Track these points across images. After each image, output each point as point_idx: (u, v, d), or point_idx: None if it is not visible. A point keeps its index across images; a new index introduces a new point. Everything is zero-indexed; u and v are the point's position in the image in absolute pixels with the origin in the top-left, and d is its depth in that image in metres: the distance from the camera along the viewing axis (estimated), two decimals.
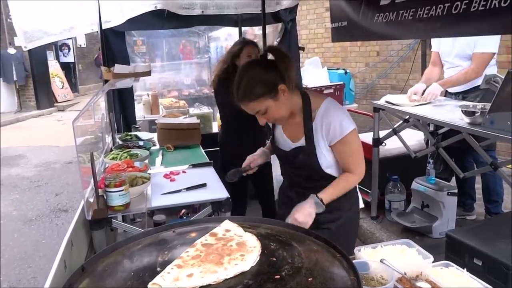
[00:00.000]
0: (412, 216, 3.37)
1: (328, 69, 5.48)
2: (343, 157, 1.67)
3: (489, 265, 2.33)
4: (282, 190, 1.98)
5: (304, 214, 1.54)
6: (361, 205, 2.10)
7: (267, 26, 3.96)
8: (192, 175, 2.52)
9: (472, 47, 3.04)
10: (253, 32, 5.18)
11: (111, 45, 3.71)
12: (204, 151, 3.12)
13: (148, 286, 0.94)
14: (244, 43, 2.84)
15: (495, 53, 3.04)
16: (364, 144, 3.75)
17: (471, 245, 2.45)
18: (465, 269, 1.29)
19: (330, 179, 1.70)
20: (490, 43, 2.98)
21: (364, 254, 1.39)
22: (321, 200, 1.59)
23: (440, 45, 3.32)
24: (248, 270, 0.99)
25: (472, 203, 3.48)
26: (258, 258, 1.03)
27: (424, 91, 3.25)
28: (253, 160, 1.87)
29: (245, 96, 1.55)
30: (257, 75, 1.54)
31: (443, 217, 3.14)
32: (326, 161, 1.68)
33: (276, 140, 1.82)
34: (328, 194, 1.62)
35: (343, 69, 5.71)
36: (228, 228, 1.20)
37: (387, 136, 3.43)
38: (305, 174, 1.73)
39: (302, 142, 1.68)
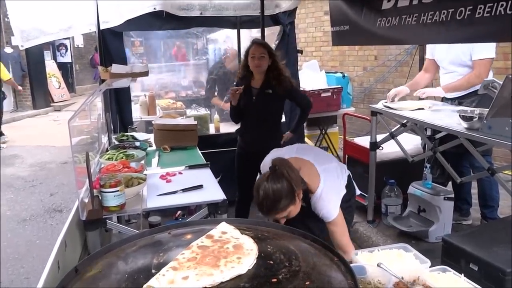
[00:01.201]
0: (408, 220, 3.37)
1: (326, 73, 5.47)
2: (333, 237, 1.88)
3: (485, 270, 2.32)
4: None
5: None
6: (357, 192, 2.28)
7: (265, 29, 3.96)
8: (188, 176, 2.50)
9: (467, 53, 3.07)
10: (251, 35, 5.18)
11: (109, 45, 3.69)
12: (201, 153, 3.11)
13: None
14: (251, 44, 2.99)
15: (493, 58, 3.06)
16: (361, 148, 3.76)
17: (467, 250, 2.45)
18: (462, 274, 1.29)
19: None
20: (488, 49, 3.01)
21: (361, 258, 1.38)
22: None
23: (435, 52, 3.36)
24: (244, 273, 0.97)
25: (468, 208, 3.48)
26: (255, 261, 1.02)
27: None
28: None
29: (271, 210, 1.72)
30: (278, 190, 1.69)
31: (439, 221, 3.14)
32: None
33: None
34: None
35: (341, 72, 5.70)
36: (225, 230, 1.19)
37: (384, 140, 3.43)
38: None
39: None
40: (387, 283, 1.13)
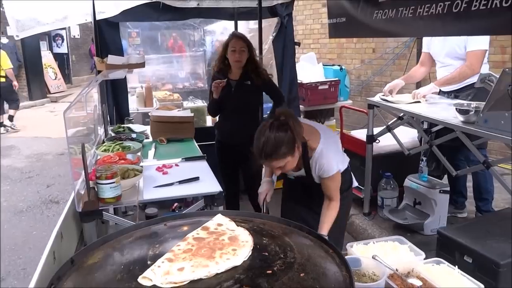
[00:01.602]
0: (404, 213, 3.39)
1: (323, 65, 5.45)
2: (327, 189, 1.98)
3: (479, 262, 2.34)
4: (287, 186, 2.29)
5: None
6: (355, 183, 2.31)
7: (263, 21, 3.94)
8: (185, 168, 2.50)
9: (462, 46, 3.07)
10: (248, 27, 5.14)
11: (105, 36, 3.66)
12: (198, 145, 3.11)
13: (138, 279, 0.93)
14: (231, 37, 2.93)
15: (486, 50, 3.05)
16: (358, 141, 3.77)
17: (461, 243, 2.47)
18: (456, 266, 1.30)
19: None
20: (481, 40, 3.01)
21: (356, 250, 1.39)
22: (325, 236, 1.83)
23: (431, 45, 3.35)
24: (239, 265, 0.98)
25: (463, 201, 3.51)
26: (250, 253, 1.02)
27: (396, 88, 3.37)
28: (266, 194, 2.12)
29: (270, 155, 1.73)
30: (280, 137, 1.72)
31: (434, 214, 3.16)
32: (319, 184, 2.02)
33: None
34: (325, 227, 1.90)
35: (339, 65, 5.68)
36: (221, 222, 1.19)
37: (381, 133, 3.44)
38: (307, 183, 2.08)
39: (302, 172, 2.01)
40: (381, 275, 1.14)
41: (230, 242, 1.05)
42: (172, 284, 0.90)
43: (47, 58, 12.91)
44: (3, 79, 8.05)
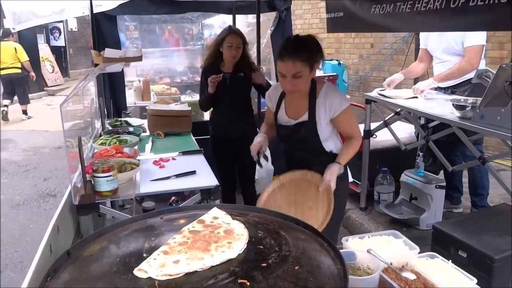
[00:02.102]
0: (400, 208, 3.41)
1: None
2: (345, 126, 2.00)
3: (473, 257, 2.36)
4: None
5: (335, 179, 1.88)
6: (350, 179, 2.38)
7: (261, 15, 3.93)
8: (182, 162, 2.51)
9: (459, 42, 3.07)
10: (246, 21, 5.13)
11: (102, 29, 3.65)
12: (195, 139, 3.11)
13: (134, 272, 0.94)
14: (228, 32, 2.88)
15: (484, 45, 3.06)
16: None
17: (456, 237, 2.49)
18: (450, 260, 1.31)
19: (327, 155, 2.01)
20: (478, 36, 3.01)
21: (352, 244, 1.40)
22: (340, 164, 1.93)
23: (428, 41, 3.36)
24: (235, 258, 0.98)
25: (459, 196, 3.52)
26: (245, 246, 1.03)
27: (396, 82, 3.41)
28: (260, 145, 2.07)
29: (299, 53, 1.78)
30: (315, 45, 1.86)
31: (430, 209, 3.18)
32: (324, 134, 1.98)
33: (279, 121, 2.09)
34: (344, 158, 1.96)
35: (337, 60, 5.69)
36: (216, 215, 1.20)
37: (378, 128, 3.45)
38: (306, 147, 2.03)
39: (304, 117, 1.97)
40: (376, 269, 1.15)
41: (226, 235, 1.05)
42: (167, 276, 0.91)
43: (44, 51, 12.84)
44: (19, 70, 8.63)
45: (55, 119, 3.05)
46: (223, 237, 1.05)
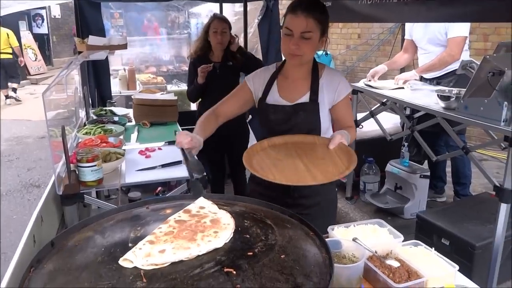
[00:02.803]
0: (385, 197, 3.46)
1: None
2: (345, 114, 1.73)
3: (456, 244, 2.42)
4: None
5: (345, 140, 1.56)
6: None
7: (248, 4, 3.89)
8: (168, 152, 2.49)
9: (443, 32, 3.11)
10: (234, 9, 5.08)
11: (86, 16, 3.57)
12: (182, 129, 3.08)
13: (119, 261, 0.93)
14: (212, 18, 2.93)
15: (467, 36, 3.09)
16: None
17: (439, 226, 2.54)
18: (433, 248, 1.33)
19: None
20: (462, 27, 3.05)
21: (337, 233, 1.41)
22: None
23: (413, 32, 3.38)
24: (221, 247, 0.98)
25: (443, 185, 3.59)
26: (232, 235, 1.03)
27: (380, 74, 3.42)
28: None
29: (314, 9, 1.56)
30: (327, 12, 1.62)
31: (415, 198, 3.23)
32: (325, 122, 1.70)
33: (269, 102, 1.72)
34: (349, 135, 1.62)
35: (324, 50, 5.69)
36: (203, 205, 1.19)
37: (365, 119, 3.47)
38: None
39: (305, 98, 1.67)
40: (361, 257, 1.16)
41: (212, 225, 1.05)
42: (153, 265, 0.90)
43: (26, 38, 12.52)
44: (10, 56, 9.05)
45: (38, 108, 2.99)
46: (210, 226, 1.05)
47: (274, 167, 1.41)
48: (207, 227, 1.04)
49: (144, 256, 0.93)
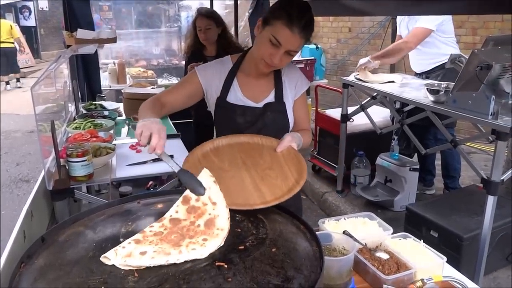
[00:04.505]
0: (375, 190, 3.49)
1: None
2: (301, 113, 1.64)
3: (444, 236, 2.46)
4: None
5: (296, 143, 1.42)
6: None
7: None
8: None
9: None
10: (224, 3, 5.05)
11: (75, 9, 3.52)
12: (172, 123, 3.07)
13: (100, 257, 0.93)
14: (196, 15, 2.93)
15: (432, 30, 3.11)
16: (333, 120, 3.82)
17: (428, 218, 2.57)
18: (422, 240, 1.36)
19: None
20: (429, 20, 3.09)
21: (328, 226, 1.43)
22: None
23: (400, 28, 3.42)
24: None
25: (432, 178, 3.63)
26: (221, 244, 0.98)
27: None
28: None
29: (308, 30, 1.44)
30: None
31: (404, 191, 3.27)
32: (292, 120, 1.61)
33: (231, 101, 1.60)
34: (303, 137, 1.52)
35: (315, 44, 5.68)
36: (205, 184, 1.13)
37: (355, 112, 3.49)
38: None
39: (270, 98, 1.58)
40: (351, 249, 1.18)
41: (205, 229, 1.02)
42: (129, 267, 0.89)
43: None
44: (12, 45, 10.35)
45: (26, 102, 2.95)
46: (201, 232, 1.01)
47: (219, 181, 1.17)
48: (198, 233, 1.01)
49: (124, 255, 0.92)
